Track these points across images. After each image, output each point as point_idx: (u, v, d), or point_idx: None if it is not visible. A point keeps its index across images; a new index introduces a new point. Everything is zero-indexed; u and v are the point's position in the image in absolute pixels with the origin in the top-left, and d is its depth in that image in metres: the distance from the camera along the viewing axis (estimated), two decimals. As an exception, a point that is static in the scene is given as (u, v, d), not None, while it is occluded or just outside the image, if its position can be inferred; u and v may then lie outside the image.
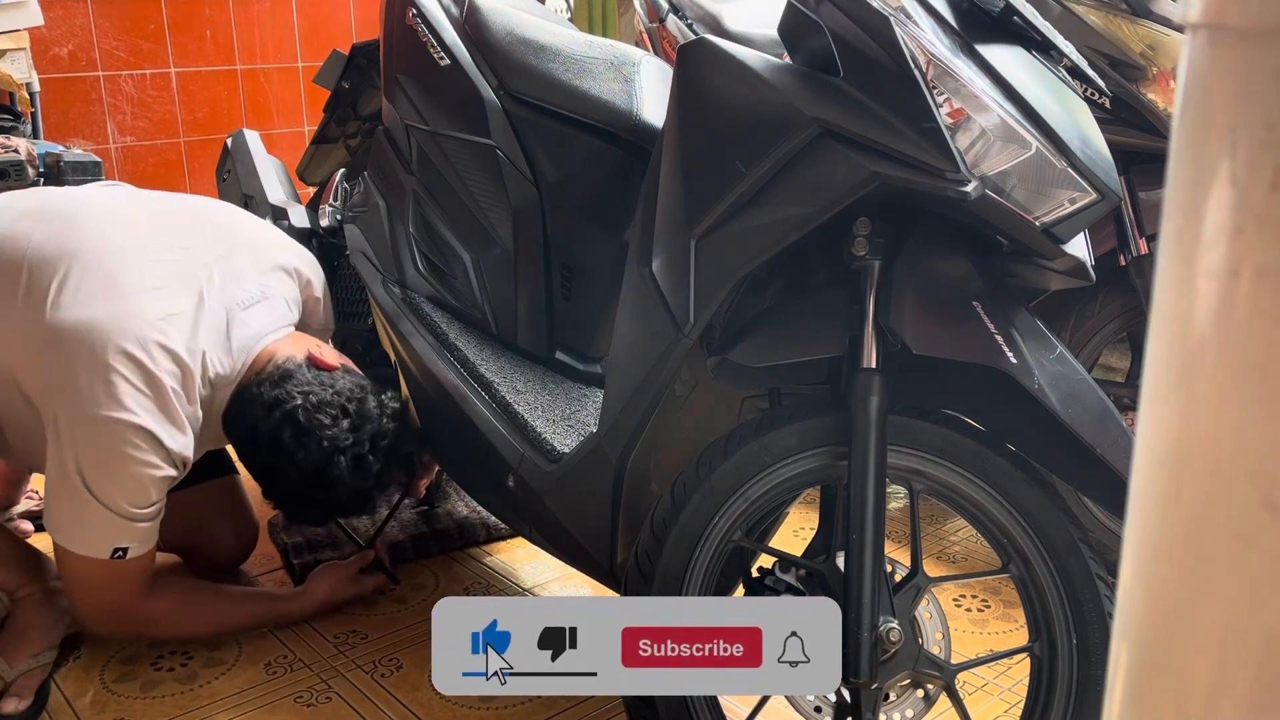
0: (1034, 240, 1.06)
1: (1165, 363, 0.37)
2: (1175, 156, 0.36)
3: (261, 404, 1.43)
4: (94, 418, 1.32)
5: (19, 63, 2.85)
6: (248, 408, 1.44)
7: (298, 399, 1.43)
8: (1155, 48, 1.54)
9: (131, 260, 1.41)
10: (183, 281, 1.43)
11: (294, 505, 1.53)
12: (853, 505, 1.10)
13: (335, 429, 1.43)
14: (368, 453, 1.46)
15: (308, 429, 1.42)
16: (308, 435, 1.42)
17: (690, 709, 1.17)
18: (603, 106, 1.56)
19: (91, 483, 1.35)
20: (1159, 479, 0.38)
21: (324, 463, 1.43)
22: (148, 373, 1.34)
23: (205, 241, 1.52)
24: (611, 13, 3.96)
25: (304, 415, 1.42)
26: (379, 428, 1.48)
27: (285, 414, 1.42)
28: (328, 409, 1.44)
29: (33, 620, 1.53)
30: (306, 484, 1.44)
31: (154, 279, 1.41)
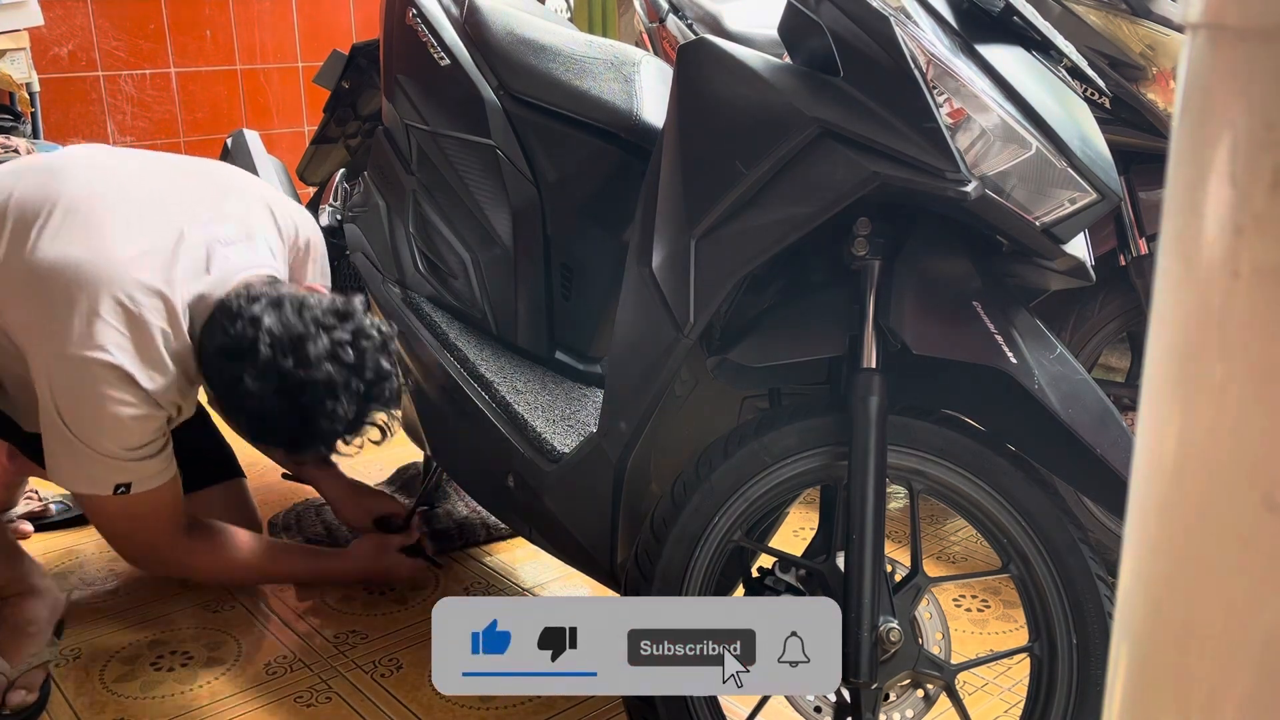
0: (1034, 240, 1.06)
1: (1165, 363, 0.37)
2: (1175, 156, 0.36)
3: (247, 297, 1.36)
4: (69, 356, 1.30)
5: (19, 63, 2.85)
6: (232, 302, 1.37)
7: (285, 290, 1.38)
8: (1155, 48, 1.54)
9: (113, 203, 1.39)
10: (164, 220, 1.40)
11: (249, 398, 1.34)
12: (853, 505, 1.10)
13: (317, 309, 1.36)
14: (347, 342, 1.36)
15: (288, 304, 1.35)
16: (287, 308, 1.35)
17: (690, 709, 1.17)
18: (603, 106, 1.56)
19: (71, 424, 1.34)
20: (1159, 479, 0.38)
21: (300, 333, 1.33)
22: (125, 310, 1.32)
23: (190, 186, 1.50)
24: (611, 13, 3.96)
25: (290, 301, 1.36)
26: (361, 326, 1.39)
27: (271, 300, 1.35)
28: (309, 300, 1.38)
29: (27, 617, 1.53)
30: (278, 355, 1.32)
31: (135, 219, 1.39)
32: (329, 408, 1.34)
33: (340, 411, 1.35)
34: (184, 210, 1.43)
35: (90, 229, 1.35)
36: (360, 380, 1.36)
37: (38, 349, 1.33)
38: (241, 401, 1.35)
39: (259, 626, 1.69)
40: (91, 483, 1.39)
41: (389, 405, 1.43)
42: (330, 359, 1.33)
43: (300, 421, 1.35)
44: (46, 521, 1.99)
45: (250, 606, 1.75)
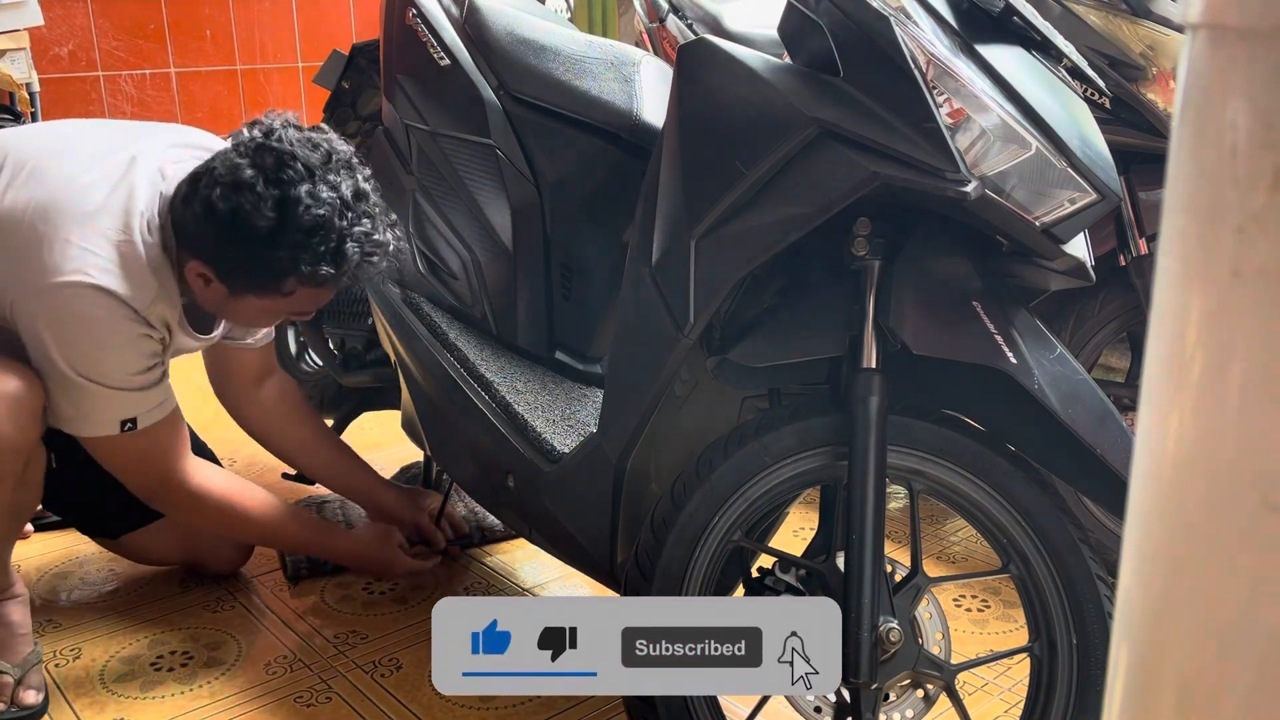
0: (1034, 240, 1.07)
1: (1165, 363, 0.37)
2: (1175, 156, 0.36)
3: (206, 164, 1.36)
4: (50, 287, 1.30)
5: (19, 63, 2.85)
6: (193, 177, 1.36)
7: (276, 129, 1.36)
8: (1155, 48, 1.54)
9: (61, 148, 1.41)
10: (113, 152, 1.41)
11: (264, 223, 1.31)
12: (853, 505, 1.10)
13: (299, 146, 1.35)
14: (330, 169, 1.34)
15: (280, 139, 1.34)
16: (280, 140, 1.34)
17: (690, 709, 1.17)
18: (603, 106, 1.56)
19: (67, 359, 1.33)
20: (1159, 479, 0.38)
21: (296, 150, 1.32)
22: (93, 232, 1.32)
23: (138, 131, 1.51)
24: (611, 13, 3.96)
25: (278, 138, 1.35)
26: (336, 149, 1.37)
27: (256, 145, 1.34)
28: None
29: (15, 619, 1.53)
30: (270, 170, 1.30)
31: (85, 156, 1.40)
32: (325, 217, 1.32)
33: (336, 222, 1.32)
34: (131, 143, 1.44)
35: (42, 173, 1.36)
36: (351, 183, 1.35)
37: (18, 294, 1.33)
38: (244, 237, 1.31)
39: (259, 626, 1.69)
40: (97, 423, 1.39)
41: (386, 220, 1.42)
42: (327, 182, 1.33)
43: (308, 231, 1.32)
44: (46, 522, 1.99)
45: (250, 606, 1.76)
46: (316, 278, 1.36)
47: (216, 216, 1.32)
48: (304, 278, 1.35)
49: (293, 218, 1.31)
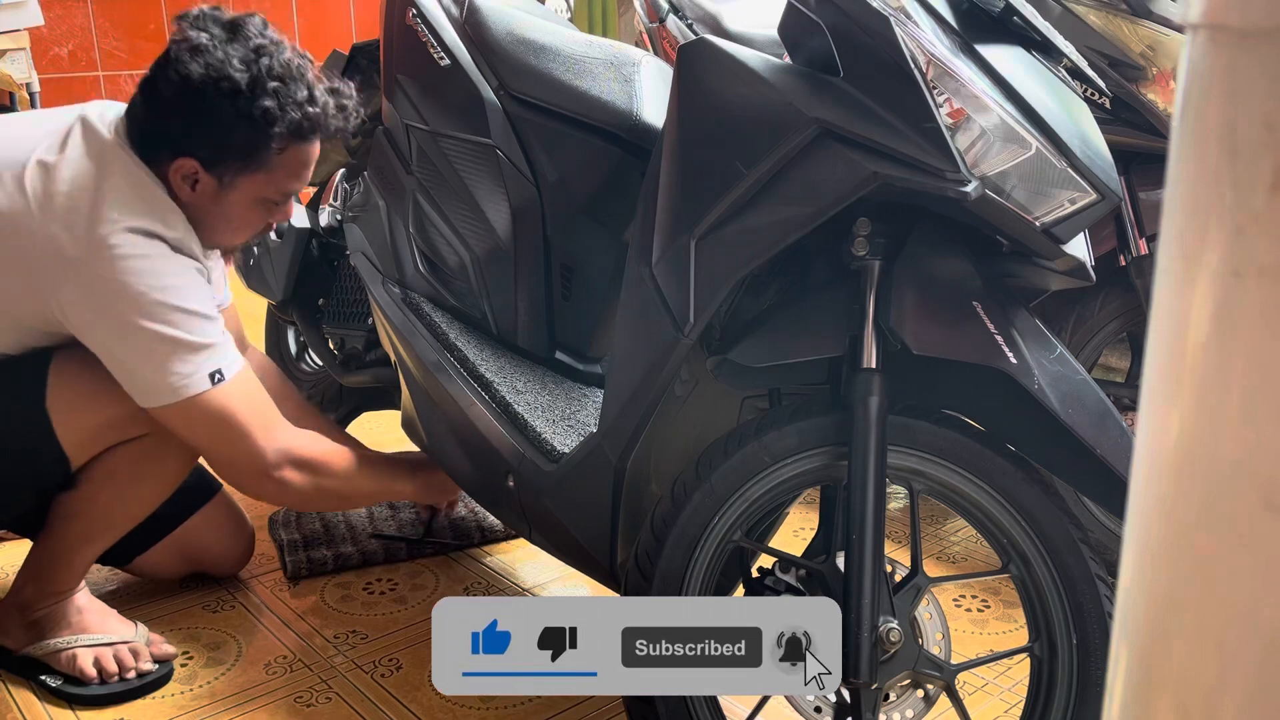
0: (1034, 240, 1.07)
1: (1165, 363, 0.37)
2: (1175, 156, 0.36)
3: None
4: (91, 243, 1.28)
5: (19, 63, 2.85)
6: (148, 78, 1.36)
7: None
8: (1155, 48, 1.54)
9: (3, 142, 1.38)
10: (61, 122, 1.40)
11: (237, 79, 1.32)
12: (853, 505, 1.10)
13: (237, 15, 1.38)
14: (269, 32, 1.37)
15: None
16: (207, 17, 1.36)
17: (690, 709, 1.17)
18: (603, 106, 1.56)
19: (131, 313, 1.30)
20: (1159, 479, 0.38)
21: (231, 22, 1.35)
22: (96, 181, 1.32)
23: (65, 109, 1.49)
24: (611, 13, 3.96)
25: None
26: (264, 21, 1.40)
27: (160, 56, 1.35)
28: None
29: (101, 603, 1.58)
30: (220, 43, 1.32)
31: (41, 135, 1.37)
32: (288, 52, 1.36)
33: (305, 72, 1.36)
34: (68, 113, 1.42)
35: (7, 170, 1.33)
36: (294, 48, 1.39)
37: (57, 272, 1.30)
38: (222, 98, 1.32)
39: (259, 626, 1.69)
40: (186, 382, 1.34)
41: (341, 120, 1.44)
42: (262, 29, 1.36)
43: (280, 78, 1.34)
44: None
45: (250, 606, 1.76)
46: (303, 124, 1.36)
47: (192, 87, 1.31)
48: (291, 126, 1.35)
49: (263, 67, 1.33)
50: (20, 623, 1.54)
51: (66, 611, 1.54)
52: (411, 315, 1.62)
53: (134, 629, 1.58)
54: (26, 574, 1.54)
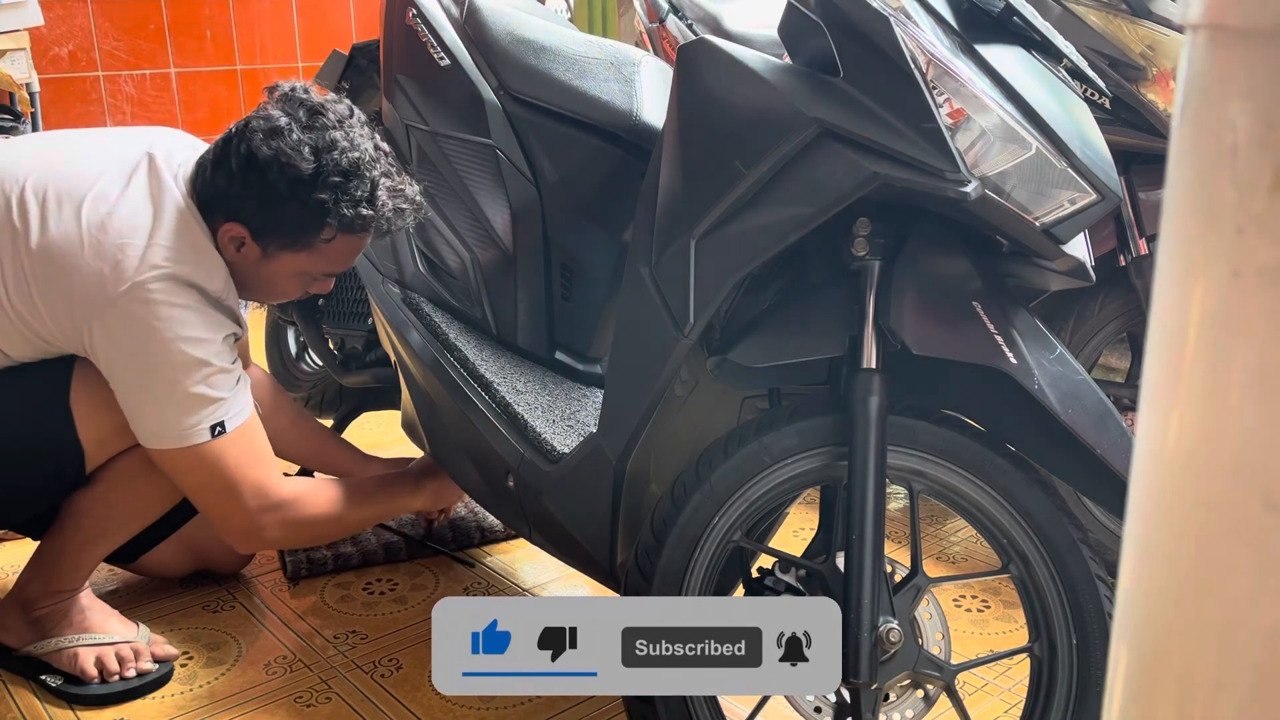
0: (1034, 241, 1.07)
1: (1165, 363, 0.37)
2: (1175, 156, 0.36)
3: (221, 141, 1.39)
4: (129, 290, 1.30)
5: (19, 63, 2.85)
6: (217, 149, 1.39)
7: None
8: (1155, 48, 1.54)
9: (77, 163, 1.40)
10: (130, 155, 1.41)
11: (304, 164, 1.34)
12: (853, 505, 1.10)
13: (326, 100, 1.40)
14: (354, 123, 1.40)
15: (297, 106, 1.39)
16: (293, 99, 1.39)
17: (690, 709, 1.17)
18: (603, 106, 1.56)
19: (153, 362, 1.32)
20: (1159, 479, 0.38)
21: (314, 107, 1.37)
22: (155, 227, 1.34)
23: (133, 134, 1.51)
24: (611, 13, 3.96)
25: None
26: (354, 108, 1.42)
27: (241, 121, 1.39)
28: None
29: (104, 603, 1.58)
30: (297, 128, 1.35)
31: (109, 166, 1.39)
32: (360, 148, 1.37)
33: (366, 168, 1.38)
34: (135, 144, 1.44)
35: (70, 192, 1.35)
36: (373, 139, 1.42)
37: (95, 311, 1.31)
38: (285, 181, 1.34)
39: (259, 626, 1.69)
40: (187, 432, 1.36)
41: (407, 177, 1.46)
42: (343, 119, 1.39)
43: (345, 173, 1.36)
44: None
45: (250, 606, 1.76)
46: (355, 222, 1.38)
47: (257, 165, 1.34)
48: (343, 222, 1.37)
49: (330, 161, 1.35)
50: (23, 620, 1.54)
51: (69, 611, 1.54)
52: (411, 315, 1.62)
53: (135, 629, 1.58)
54: (31, 572, 1.54)
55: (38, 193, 1.35)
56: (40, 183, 1.37)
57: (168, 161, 1.42)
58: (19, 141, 1.54)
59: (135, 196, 1.36)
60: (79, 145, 1.47)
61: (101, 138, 1.52)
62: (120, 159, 1.41)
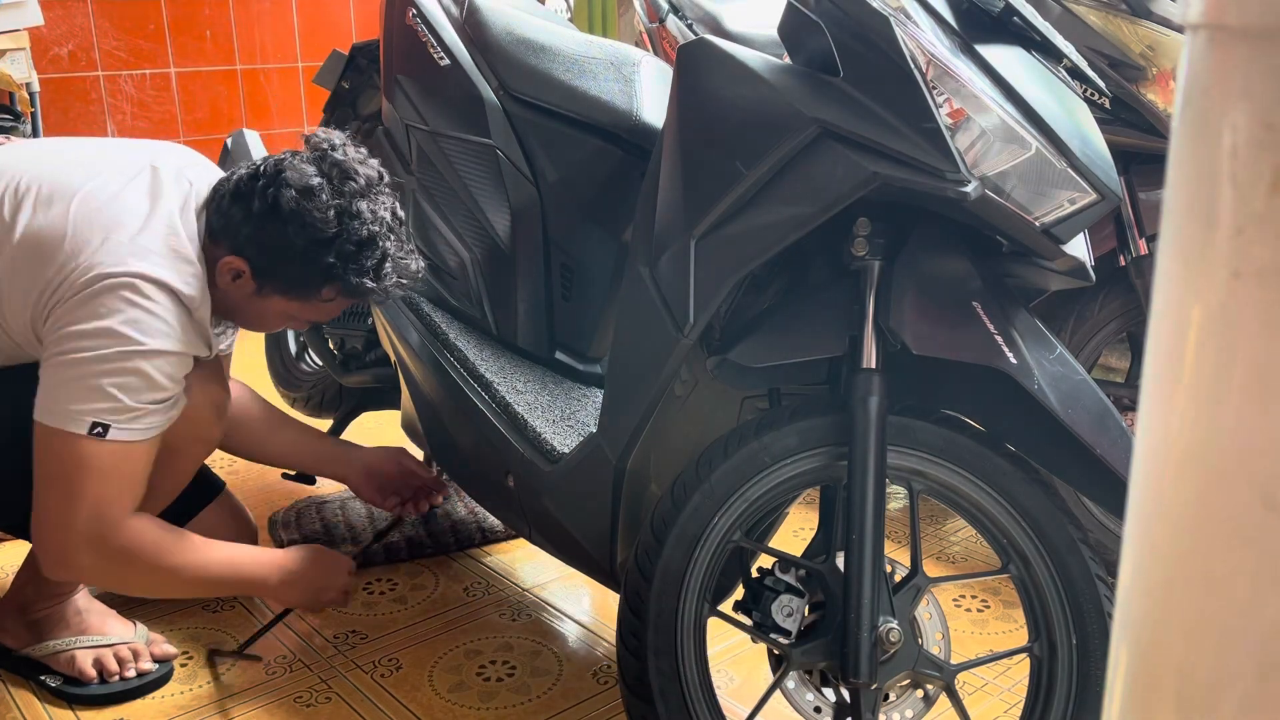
0: (1034, 241, 1.07)
1: (1165, 363, 0.37)
2: (1175, 156, 0.36)
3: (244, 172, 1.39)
4: (107, 276, 1.27)
5: (19, 63, 2.85)
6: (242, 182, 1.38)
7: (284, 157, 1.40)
8: (1155, 48, 1.54)
9: (76, 164, 1.39)
10: (134, 163, 1.41)
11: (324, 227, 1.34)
12: (853, 505, 1.10)
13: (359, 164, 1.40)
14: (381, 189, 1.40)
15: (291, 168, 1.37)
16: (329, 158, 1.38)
17: (690, 709, 1.17)
18: (603, 106, 1.56)
19: (91, 341, 1.27)
20: (1159, 479, 0.38)
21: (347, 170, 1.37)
22: (146, 230, 1.32)
23: (140, 144, 1.50)
24: (611, 13, 3.96)
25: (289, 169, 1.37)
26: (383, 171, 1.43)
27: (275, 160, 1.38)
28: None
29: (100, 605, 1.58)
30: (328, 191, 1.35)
31: (108, 168, 1.39)
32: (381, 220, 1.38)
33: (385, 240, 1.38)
34: (143, 154, 1.44)
35: (62, 190, 1.34)
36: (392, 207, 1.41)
37: (60, 295, 1.28)
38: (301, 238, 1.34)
39: (258, 627, 1.69)
40: (69, 414, 1.27)
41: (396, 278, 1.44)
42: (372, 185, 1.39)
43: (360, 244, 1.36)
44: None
45: (250, 606, 1.76)
46: (356, 290, 1.39)
47: (280, 216, 1.34)
48: (345, 287, 1.39)
49: (350, 229, 1.35)
50: (21, 623, 1.54)
51: (66, 613, 1.54)
52: (411, 315, 1.62)
53: (133, 629, 1.58)
54: (26, 575, 1.54)
55: (30, 188, 1.34)
56: (34, 180, 1.36)
57: (177, 176, 1.41)
58: (21, 144, 1.53)
59: (131, 196, 1.35)
60: (81, 149, 1.47)
61: (105, 145, 1.51)
62: (123, 164, 1.40)
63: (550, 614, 1.73)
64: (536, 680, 1.54)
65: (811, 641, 1.15)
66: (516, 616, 1.72)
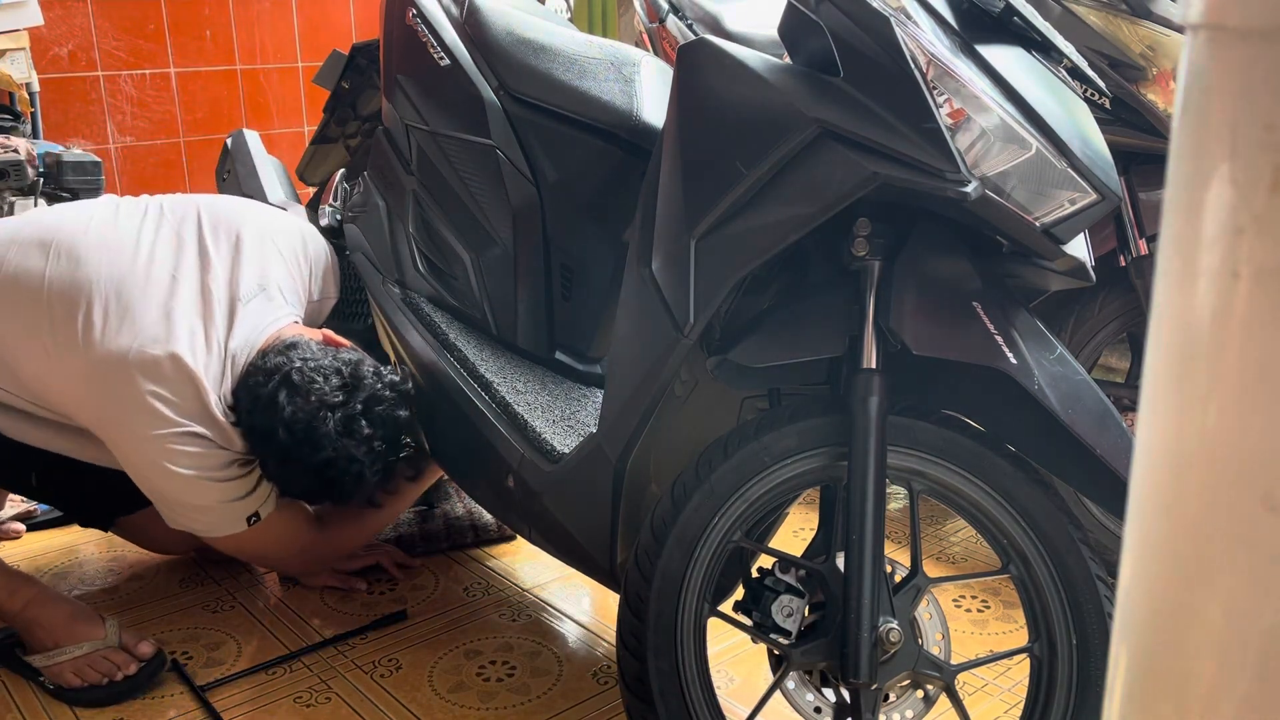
0: (1034, 241, 1.06)
1: (1165, 363, 0.37)
2: (1175, 156, 0.36)
3: (264, 371, 1.47)
4: (147, 438, 1.42)
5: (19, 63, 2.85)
6: (251, 377, 1.48)
7: (296, 363, 1.47)
8: (1155, 48, 1.54)
9: (141, 284, 1.47)
10: (190, 290, 1.49)
11: (285, 473, 1.50)
12: (853, 505, 1.10)
13: (326, 386, 1.46)
14: (359, 414, 1.47)
15: (300, 386, 1.45)
16: (299, 392, 1.45)
17: (690, 709, 1.17)
18: (603, 106, 1.56)
19: (174, 493, 1.47)
20: (1159, 479, 0.38)
21: (311, 417, 1.44)
22: (179, 383, 1.42)
23: (202, 247, 1.55)
24: (611, 13, 3.96)
25: (298, 375, 1.45)
26: (373, 392, 1.50)
27: (283, 376, 1.45)
28: (323, 371, 1.47)
29: (72, 606, 1.56)
30: (295, 443, 1.44)
31: (164, 296, 1.47)
32: (355, 472, 1.48)
33: (366, 474, 1.49)
34: (203, 274, 1.52)
35: (128, 317, 1.43)
36: (380, 440, 1.50)
37: (117, 439, 1.45)
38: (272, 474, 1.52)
39: (259, 626, 1.69)
40: (226, 525, 1.53)
41: (412, 450, 1.59)
42: (345, 434, 1.46)
43: (330, 488, 1.50)
44: (40, 520, 1.99)
45: (250, 606, 1.76)
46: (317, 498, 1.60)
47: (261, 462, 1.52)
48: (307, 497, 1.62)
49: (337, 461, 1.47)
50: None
51: (32, 629, 1.53)
52: (411, 315, 1.62)
53: (103, 628, 1.54)
54: None
55: (105, 301, 1.44)
56: (105, 294, 1.45)
57: (220, 312, 1.50)
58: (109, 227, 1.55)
59: (176, 348, 1.43)
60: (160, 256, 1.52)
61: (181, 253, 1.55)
62: (184, 294, 1.49)
63: (550, 614, 1.73)
64: (536, 680, 1.54)
65: (811, 642, 1.15)
66: (516, 617, 1.72)
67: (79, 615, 1.54)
